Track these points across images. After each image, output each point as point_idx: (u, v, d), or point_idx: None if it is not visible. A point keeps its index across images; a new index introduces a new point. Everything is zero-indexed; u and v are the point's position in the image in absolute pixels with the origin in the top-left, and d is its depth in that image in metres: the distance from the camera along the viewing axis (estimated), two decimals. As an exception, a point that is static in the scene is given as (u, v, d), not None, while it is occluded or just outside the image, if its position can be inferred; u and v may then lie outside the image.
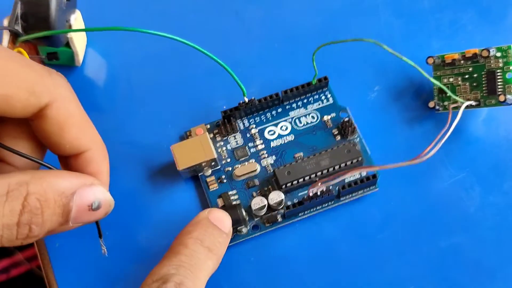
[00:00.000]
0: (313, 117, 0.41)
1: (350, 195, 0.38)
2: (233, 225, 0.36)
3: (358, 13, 0.45)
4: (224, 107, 0.41)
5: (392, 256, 0.37)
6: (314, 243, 0.37)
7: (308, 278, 0.36)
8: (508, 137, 0.40)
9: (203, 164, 0.38)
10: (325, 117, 0.41)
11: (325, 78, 0.41)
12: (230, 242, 0.37)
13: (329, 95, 0.42)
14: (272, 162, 0.39)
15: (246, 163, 0.39)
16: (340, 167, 0.38)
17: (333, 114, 0.41)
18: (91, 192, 0.26)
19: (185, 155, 0.37)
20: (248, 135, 0.40)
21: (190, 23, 0.45)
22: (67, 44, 0.41)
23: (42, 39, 0.39)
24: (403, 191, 0.39)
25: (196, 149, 0.37)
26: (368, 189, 0.38)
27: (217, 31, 0.45)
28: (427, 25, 0.45)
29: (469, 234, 0.37)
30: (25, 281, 0.65)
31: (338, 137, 0.40)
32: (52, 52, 0.41)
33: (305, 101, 0.41)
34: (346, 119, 0.39)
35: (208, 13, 0.46)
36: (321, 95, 0.42)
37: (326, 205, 0.38)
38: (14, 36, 0.38)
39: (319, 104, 0.41)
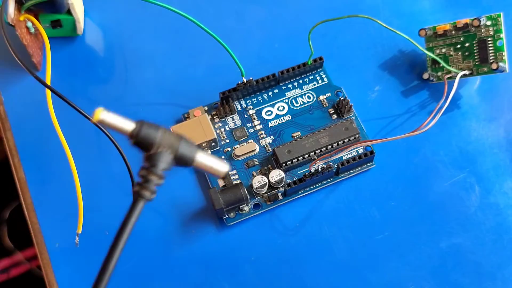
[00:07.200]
0: (309, 97, 0.41)
1: (348, 172, 0.39)
2: (235, 204, 0.36)
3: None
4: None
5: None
6: (314, 219, 0.38)
7: (309, 254, 0.37)
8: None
9: (203, 145, 0.38)
10: (321, 97, 0.41)
11: (320, 58, 0.41)
12: (232, 221, 0.37)
13: (324, 76, 0.42)
14: (270, 141, 0.40)
15: (245, 143, 0.40)
16: (338, 144, 0.38)
17: (329, 94, 0.41)
18: None
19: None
20: (246, 116, 0.41)
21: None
22: (68, 12, 0.42)
23: (45, 5, 0.40)
24: (397, 166, 0.39)
25: (196, 130, 0.38)
26: (365, 165, 0.39)
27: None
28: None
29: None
30: (25, 281, 0.64)
31: (334, 116, 0.40)
32: (55, 19, 0.42)
33: (300, 81, 0.42)
34: (342, 98, 0.40)
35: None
36: (316, 76, 0.42)
37: (326, 182, 0.38)
38: (19, 4, 0.39)
39: (315, 85, 0.42)
